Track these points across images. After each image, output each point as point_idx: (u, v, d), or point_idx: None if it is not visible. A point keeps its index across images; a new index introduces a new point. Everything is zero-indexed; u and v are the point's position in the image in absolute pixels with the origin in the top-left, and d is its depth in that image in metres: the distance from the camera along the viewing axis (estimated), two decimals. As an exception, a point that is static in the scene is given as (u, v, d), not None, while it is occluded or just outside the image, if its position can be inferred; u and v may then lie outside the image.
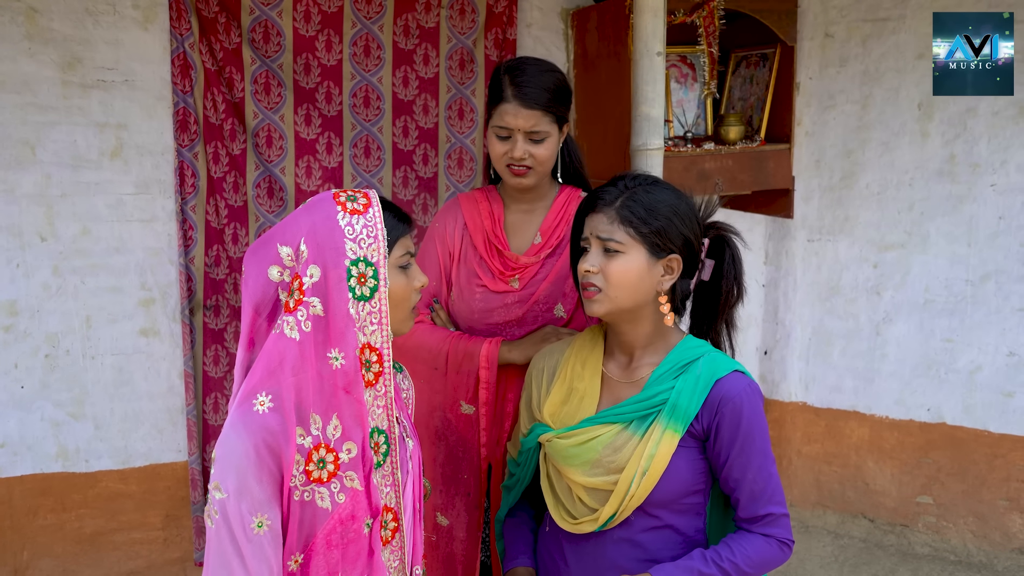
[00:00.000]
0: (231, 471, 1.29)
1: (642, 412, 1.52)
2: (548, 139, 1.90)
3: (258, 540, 1.30)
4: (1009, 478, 3.23)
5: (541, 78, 1.89)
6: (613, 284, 1.51)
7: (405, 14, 2.97)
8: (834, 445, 3.54)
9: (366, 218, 1.35)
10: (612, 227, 1.52)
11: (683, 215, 1.55)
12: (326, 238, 1.33)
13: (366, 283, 1.34)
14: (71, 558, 2.92)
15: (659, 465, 1.48)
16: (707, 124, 3.13)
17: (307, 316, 1.33)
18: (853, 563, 3.30)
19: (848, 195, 3.40)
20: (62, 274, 2.80)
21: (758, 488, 1.50)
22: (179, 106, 2.78)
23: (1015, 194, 3.13)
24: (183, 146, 2.81)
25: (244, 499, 1.29)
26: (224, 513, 1.29)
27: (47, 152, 2.73)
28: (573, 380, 1.63)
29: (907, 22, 3.20)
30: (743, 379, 1.52)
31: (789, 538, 1.51)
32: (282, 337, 1.33)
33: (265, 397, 1.32)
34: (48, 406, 2.84)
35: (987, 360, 3.23)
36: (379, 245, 1.35)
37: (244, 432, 1.31)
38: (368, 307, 1.34)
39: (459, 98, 3.08)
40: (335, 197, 1.37)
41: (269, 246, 1.35)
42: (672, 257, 1.54)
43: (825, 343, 3.52)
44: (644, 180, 1.58)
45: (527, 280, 1.97)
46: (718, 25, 2.82)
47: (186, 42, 2.75)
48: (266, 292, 1.35)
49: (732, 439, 1.49)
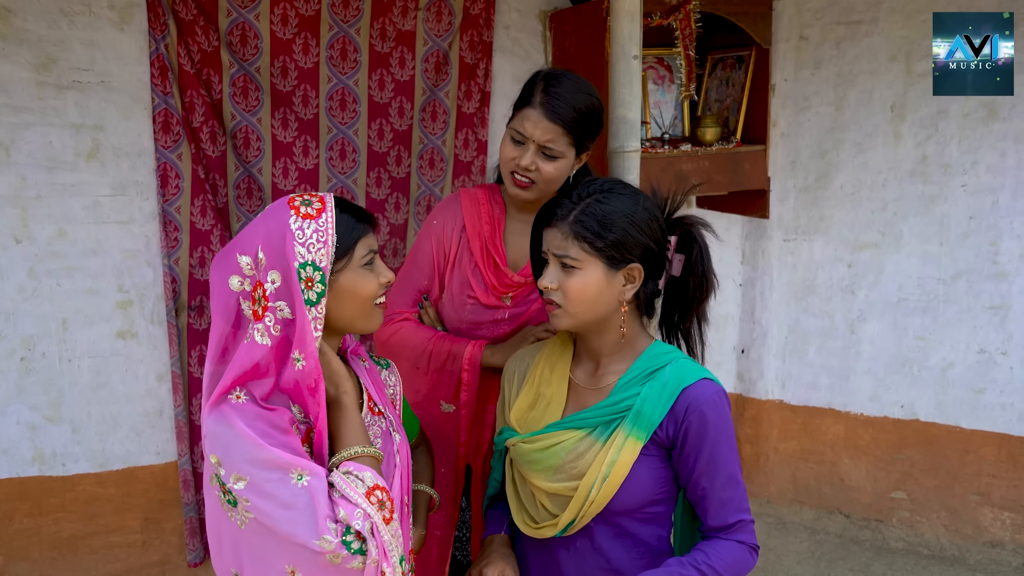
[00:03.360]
0: (238, 455, 1.28)
1: (606, 418, 1.50)
2: (561, 159, 1.83)
3: (302, 492, 1.27)
4: (980, 473, 3.28)
5: (574, 96, 1.82)
6: (572, 300, 1.49)
7: (382, 17, 2.97)
8: (810, 442, 3.58)
9: (318, 223, 1.35)
10: (567, 243, 1.48)
11: (640, 223, 1.49)
12: (279, 243, 1.33)
13: (313, 288, 1.33)
14: (48, 562, 2.90)
15: (620, 472, 1.46)
16: (684, 125, 3.16)
17: (275, 320, 1.33)
18: (829, 558, 3.34)
19: (823, 195, 3.44)
20: (38, 276, 2.78)
21: (727, 496, 1.48)
22: (159, 107, 2.77)
23: (985, 194, 3.18)
24: (165, 147, 2.79)
25: (268, 470, 1.27)
26: (256, 496, 1.27)
27: (21, 153, 2.71)
28: (541, 385, 1.62)
29: (880, 25, 3.25)
30: (711, 386, 1.49)
31: (757, 544, 1.52)
32: (254, 345, 1.33)
33: (240, 391, 1.33)
34: (24, 409, 2.82)
35: (959, 357, 3.28)
36: (327, 251, 1.35)
37: (234, 417, 1.30)
38: (314, 312, 1.33)
39: (433, 100, 3.09)
40: (291, 202, 1.37)
41: (230, 257, 1.36)
42: (632, 267, 1.50)
43: (801, 341, 3.56)
44: (599, 189, 1.51)
45: (520, 299, 1.94)
46: (695, 28, 2.84)
47: (163, 43, 2.73)
48: (228, 303, 1.36)
49: (699, 448, 1.46)
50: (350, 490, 1.30)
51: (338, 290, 1.38)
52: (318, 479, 1.29)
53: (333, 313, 1.39)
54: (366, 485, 1.32)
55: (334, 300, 1.38)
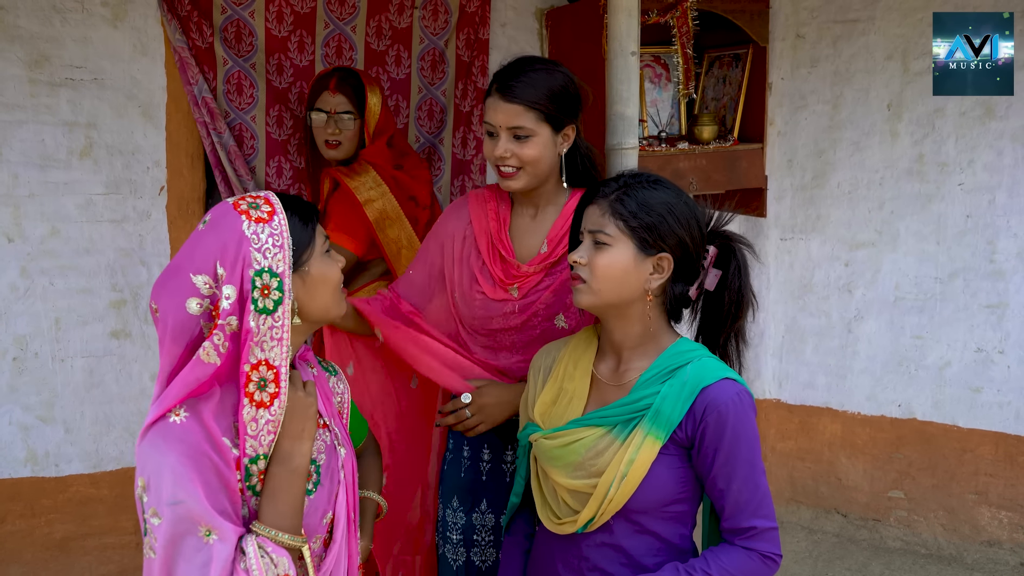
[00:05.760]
0: (164, 490, 1.23)
1: (626, 416, 1.49)
2: (534, 138, 1.81)
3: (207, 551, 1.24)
4: (978, 472, 3.28)
5: (528, 75, 1.81)
6: (597, 276, 1.49)
7: (378, 15, 2.96)
8: (807, 441, 3.57)
9: (271, 226, 1.30)
10: (603, 219, 1.50)
11: (679, 215, 1.50)
12: (235, 252, 1.27)
13: (269, 295, 1.28)
14: (41, 564, 2.87)
15: (638, 471, 1.45)
16: (681, 124, 3.15)
17: (224, 337, 1.27)
18: (827, 558, 3.34)
19: (820, 194, 3.44)
20: (30, 275, 2.76)
21: (743, 500, 1.44)
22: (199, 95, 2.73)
23: (982, 193, 3.18)
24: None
25: (181, 519, 1.23)
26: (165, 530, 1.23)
27: (14, 152, 2.68)
28: (564, 380, 1.61)
29: (876, 23, 3.25)
30: (732, 386, 1.46)
31: (774, 552, 1.45)
32: (198, 363, 1.27)
33: (181, 409, 1.28)
34: (17, 410, 2.79)
35: (956, 356, 3.28)
36: (284, 255, 1.30)
37: (170, 445, 1.25)
38: (270, 321, 1.28)
39: (429, 98, 3.08)
40: (235, 207, 1.31)
41: (180, 277, 1.28)
42: (662, 256, 1.49)
43: (798, 340, 3.56)
44: (647, 178, 1.54)
45: (527, 289, 1.92)
46: (692, 26, 2.84)
47: (175, 34, 2.71)
48: (186, 327, 1.28)
49: (716, 448, 1.44)
50: (258, 571, 1.26)
51: (311, 281, 1.36)
52: (223, 544, 1.24)
53: (308, 305, 1.37)
54: (277, 572, 1.28)
55: (307, 293, 1.36)
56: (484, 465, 2.02)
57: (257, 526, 1.30)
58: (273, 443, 1.33)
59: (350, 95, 2.63)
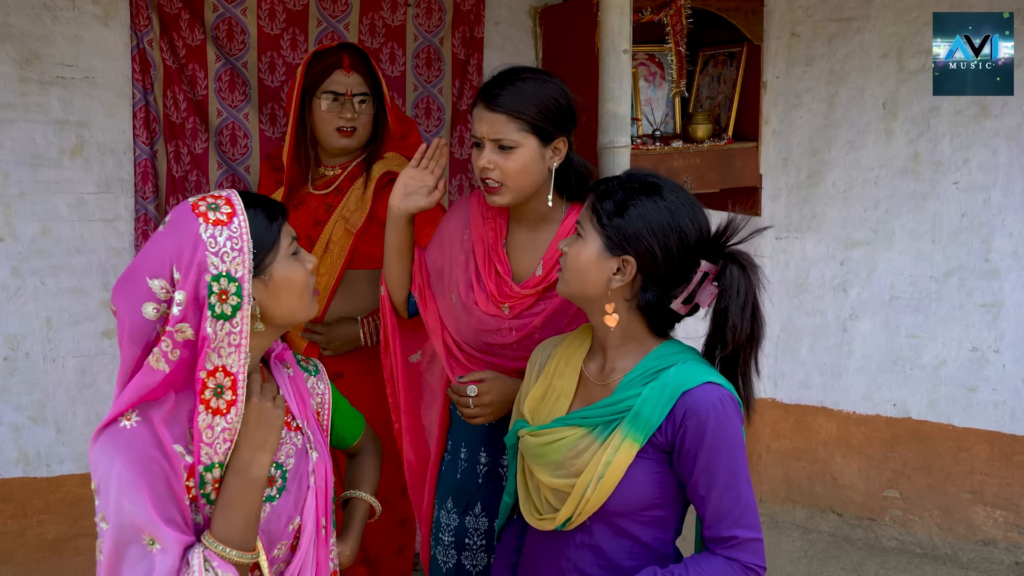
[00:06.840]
0: (112, 497, 1.22)
1: (607, 417, 1.47)
2: (518, 149, 1.74)
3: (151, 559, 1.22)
4: (973, 471, 3.28)
5: (516, 84, 1.74)
6: (567, 266, 1.51)
7: (371, 13, 2.94)
8: (802, 441, 3.57)
9: (231, 229, 1.25)
10: (585, 212, 1.51)
11: (654, 222, 1.44)
12: (191, 256, 1.23)
13: (227, 300, 1.24)
14: (32, 565, 2.86)
15: (615, 474, 1.43)
16: (675, 122, 3.14)
17: (174, 344, 1.24)
18: (822, 557, 3.33)
19: (815, 193, 3.43)
20: (21, 275, 2.74)
21: (723, 508, 1.40)
22: (139, 104, 2.73)
23: (977, 192, 3.17)
24: (145, 144, 2.76)
25: (126, 526, 1.21)
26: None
27: (4, 150, 2.67)
28: (555, 377, 1.60)
29: (871, 22, 3.24)
30: (714, 391, 1.41)
31: (758, 564, 1.41)
32: (148, 370, 1.24)
33: (132, 414, 1.26)
34: (8, 410, 2.78)
35: (951, 355, 3.27)
36: (244, 259, 1.25)
37: (119, 451, 1.23)
38: (228, 327, 1.25)
39: (425, 96, 3.07)
40: (194, 208, 1.27)
41: (137, 280, 1.25)
42: (626, 258, 1.45)
43: (793, 340, 3.55)
44: (644, 180, 1.49)
45: (519, 310, 1.87)
46: (685, 24, 2.83)
47: (145, 39, 2.70)
48: (143, 331, 1.25)
49: (696, 454, 1.40)
50: None
51: (273, 285, 1.32)
52: (165, 556, 1.22)
53: (272, 310, 1.33)
54: None
55: (271, 297, 1.32)
56: (481, 468, 2.00)
57: (206, 538, 1.27)
58: (230, 451, 1.30)
59: (365, 75, 2.35)
